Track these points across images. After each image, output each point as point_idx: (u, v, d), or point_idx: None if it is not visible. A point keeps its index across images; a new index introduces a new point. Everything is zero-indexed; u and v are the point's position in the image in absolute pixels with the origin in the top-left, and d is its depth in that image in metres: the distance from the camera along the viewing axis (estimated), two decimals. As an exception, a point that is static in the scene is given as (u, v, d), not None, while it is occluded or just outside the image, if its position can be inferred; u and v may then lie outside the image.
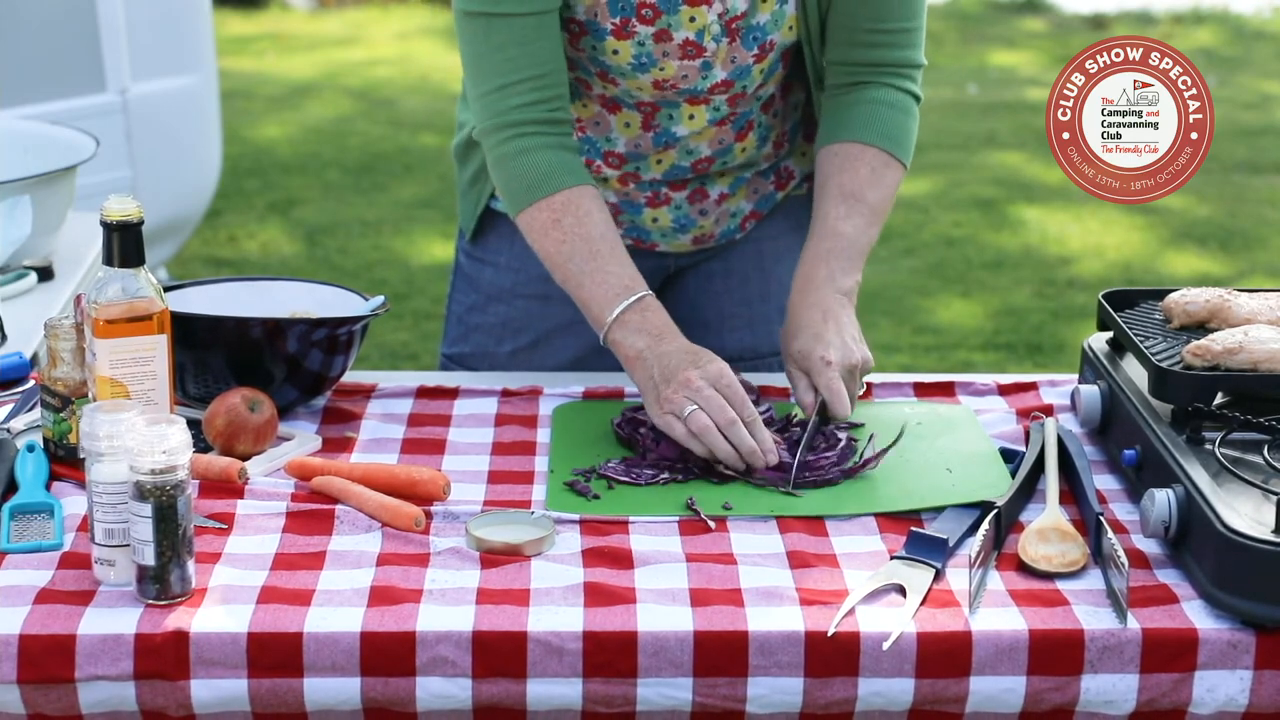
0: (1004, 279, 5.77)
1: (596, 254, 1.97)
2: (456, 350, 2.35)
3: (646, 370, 1.90)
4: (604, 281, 1.96)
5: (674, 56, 2.03)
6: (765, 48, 2.05)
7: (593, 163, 2.17)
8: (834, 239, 2.02)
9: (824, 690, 1.50)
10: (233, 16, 10.43)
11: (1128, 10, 10.84)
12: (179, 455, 1.53)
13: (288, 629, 1.50)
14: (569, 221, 1.99)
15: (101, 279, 1.74)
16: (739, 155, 2.18)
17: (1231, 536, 1.51)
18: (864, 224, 2.04)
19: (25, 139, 2.78)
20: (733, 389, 1.84)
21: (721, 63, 2.05)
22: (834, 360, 1.91)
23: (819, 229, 2.04)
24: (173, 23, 5.00)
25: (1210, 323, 1.90)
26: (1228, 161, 7.15)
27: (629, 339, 1.93)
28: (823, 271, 2.00)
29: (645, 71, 2.04)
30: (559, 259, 1.99)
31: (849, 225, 2.03)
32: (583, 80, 2.11)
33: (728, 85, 2.07)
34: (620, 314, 1.94)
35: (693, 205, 2.22)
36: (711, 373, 1.85)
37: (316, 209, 6.55)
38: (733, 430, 1.81)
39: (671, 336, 1.93)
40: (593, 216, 1.99)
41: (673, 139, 2.13)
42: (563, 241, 1.99)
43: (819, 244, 2.03)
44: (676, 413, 1.83)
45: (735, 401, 1.83)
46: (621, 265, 1.98)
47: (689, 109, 2.10)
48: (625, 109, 2.12)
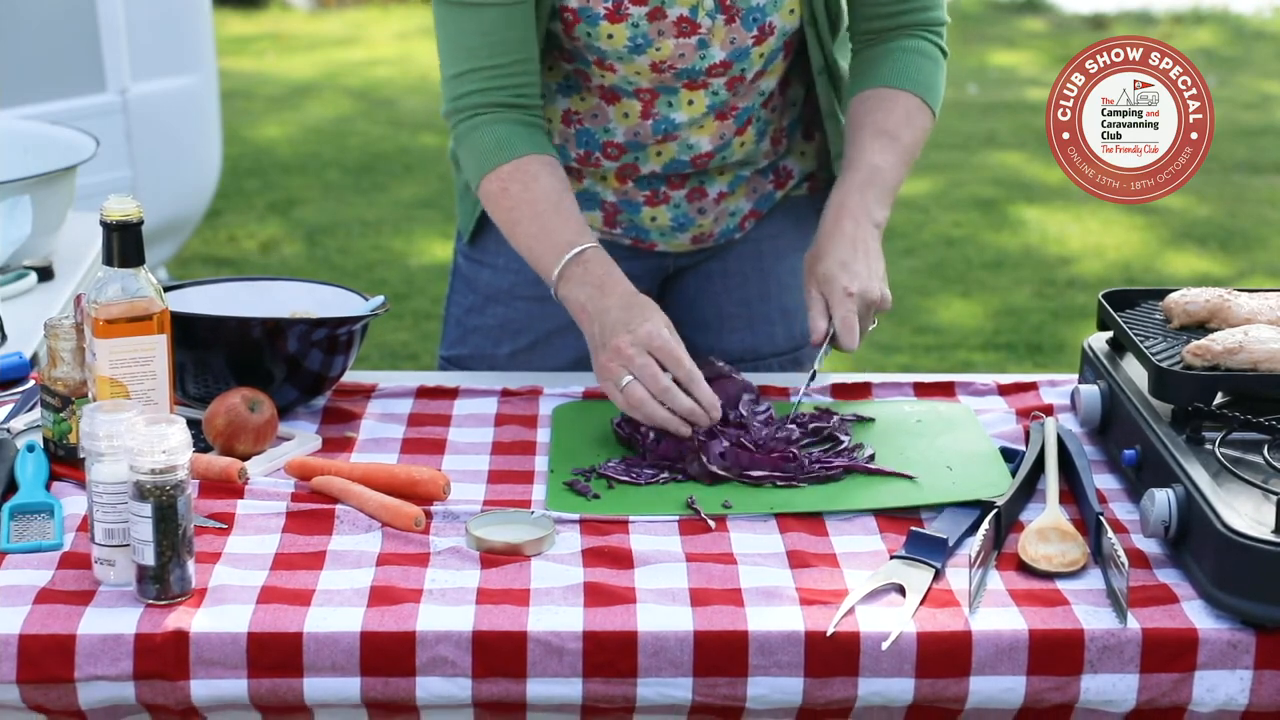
0: (1004, 279, 5.77)
1: (540, 214, 2.00)
2: (455, 352, 2.35)
3: (590, 328, 1.92)
4: (547, 240, 1.98)
5: (669, 35, 2.03)
6: (765, 29, 2.05)
7: (591, 154, 2.18)
8: (870, 171, 2.04)
9: (824, 690, 1.51)
10: (233, 16, 10.43)
11: (1128, 10, 10.84)
12: (179, 455, 1.53)
13: (288, 629, 1.50)
14: (515, 188, 2.02)
15: (101, 279, 1.74)
16: (738, 150, 2.19)
17: (1231, 536, 1.51)
18: (897, 161, 2.06)
19: (25, 139, 2.78)
20: (665, 349, 1.83)
21: (720, 42, 2.05)
22: (855, 291, 1.92)
23: (854, 162, 2.06)
24: (173, 23, 5.00)
25: (1210, 323, 1.90)
26: (1228, 161, 7.15)
27: (574, 293, 1.95)
28: (856, 200, 2.02)
29: (642, 53, 2.04)
30: (509, 225, 2.03)
31: (884, 160, 2.05)
32: (580, 71, 2.11)
33: (726, 66, 2.07)
34: (562, 269, 1.95)
35: (691, 204, 2.22)
36: (642, 335, 1.84)
37: (316, 209, 6.55)
38: (668, 397, 1.81)
39: (613, 285, 1.93)
40: (539, 180, 2.01)
41: (672, 127, 2.13)
42: (511, 209, 2.02)
43: (855, 174, 2.04)
44: (614, 383, 1.84)
45: (669, 362, 1.83)
46: (565, 222, 1.99)
47: (688, 94, 2.10)
48: (624, 98, 2.12)
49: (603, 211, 2.24)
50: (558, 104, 2.17)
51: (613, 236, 2.26)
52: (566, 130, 2.18)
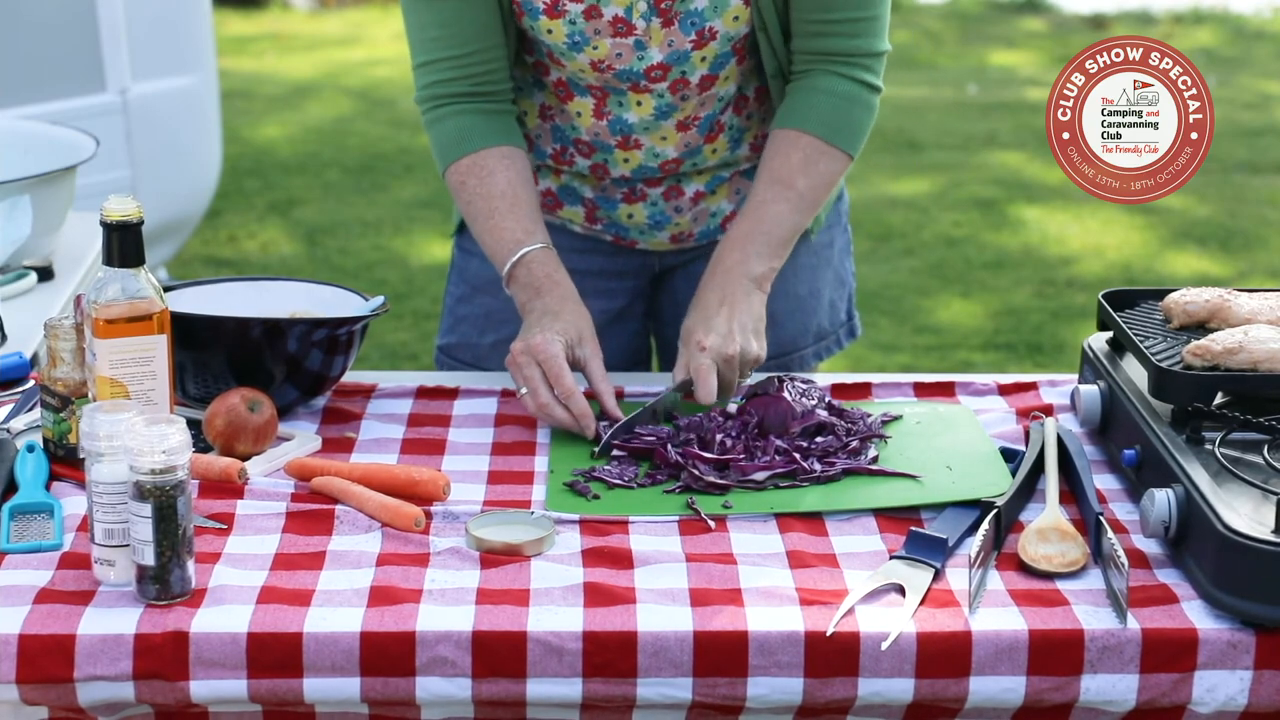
0: (1004, 279, 5.77)
1: (494, 211, 2.05)
2: (446, 341, 2.38)
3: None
4: (500, 239, 2.05)
5: (605, 34, 2.04)
6: (704, 34, 2.04)
7: (566, 150, 2.19)
8: (755, 223, 2.05)
9: (824, 690, 1.50)
10: (233, 16, 10.43)
11: (1128, 10, 10.85)
12: (179, 455, 1.53)
13: (288, 629, 1.50)
14: (473, 183, 2.07)
15: (101, 279, 1.74)
16: (710, 157, 2.19)
17: (1231, 536, 1.51)
18: (789, 210, 2.06)
19: (25, 139, 2.78)
20: (549, 362, 1.91)
21: (658, 45, 2.05)
22: (708, 346, 1.95)
23: (743, 212, 2.08)
24: (173, 23, 5.00)
25: (1210, 323, 1.90)
26: (1228, 161, 7.15)
27: (517, 294, 2.04)
28: (736, 255, 2.04)
29: (580, 50, 2.05)
30: (469, 220, 2.10)
31: (771, 210, 2.06)
32: (540, 64, 2.13)
33: (665, 70, 2.07)
34: (509, 270, 2.03)
35: (668, 202, 2.22)
36: (533, 344, 1.93)
37: (316, 209, 6.55)
38: (544, 411, 1.91)
39: (550, 288, 2.01)
40: (495, 175, 2.06)
41: (628, 129, 2.13)
42: (469, 203, 2.08)
43: (739, 225, 2.06)
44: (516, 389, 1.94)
45: (550, 375, 1.91)
46: (516, 220, 2.04)
47: (634, 96, 2.11)
48: (577, 95, 2.13)
49: (584, 207, 2.25)
50: (534, 98, 2.18)
51: (595, 233, 2.27)
52: (543, 125, 2.19)
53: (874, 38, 2.08)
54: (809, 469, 1.82)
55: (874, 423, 1.94)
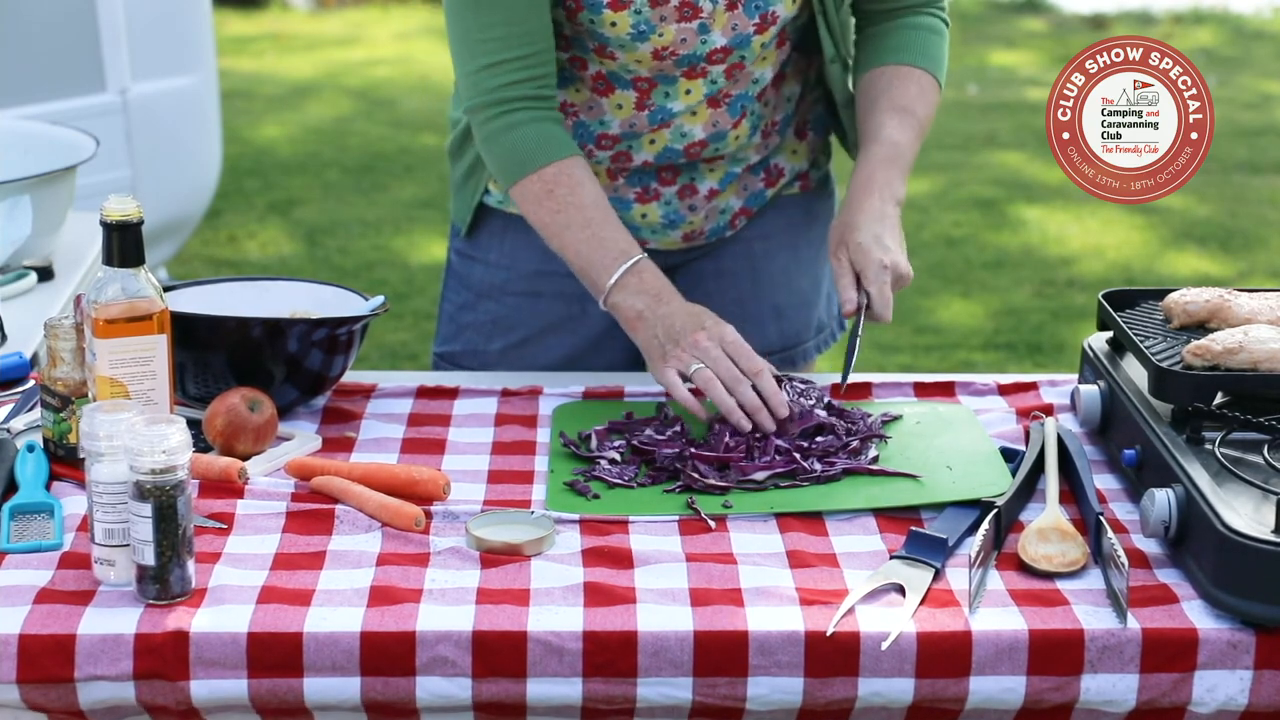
0: (1004, 279, 5.77)
1: (590, 221, 2.02)
2: (447, 349, 2.36)
3: (650, 330, 1.97)
4: (600, 247, 2.01)
5: (671, 20, 2.03)
6: (767, 18, 2.05)
7: (585, 147, 2.18)
8: (890, 146, 2.08)
9: (824, 690, 1.51)
10: (233, 16, 10.43)
11: (1128, 10, 10.84)
12: (179, 455, 1.53)
13: (288, 629, 1.50)
14: (562, 191, 2.03)
15: (101, 279, 1.74)
16: (731, 143, 2.19)
17: (1231, 536, 1.51)
18: (914, 136, 2.11)
19: (25, 139, 2.78)
20: (738, 347, 1.91)
21: (721, 28, 2.05)
22: (889, 264, 1.97)
23: (875, 137, 2.10)
24: (173, 23, 5.00)
25: (1210, 323, 1.90)
26: (1228, 161, 7.15)
27: (628, 301, 1.99)
28: (882, 175, 2.06)
29: (644, 40, 2.04)
30: (555, 228, 2.04)
31: (903, 136, 2.10)
32: (578, 59, 2.12)
33: (726, 53, 2.07)
34: (619, 278, 1.99)
35: (682, 201, 2.23)
36: (717, 333, 1.92)
37: (316, 209, 6.55)
38: (739, 389, 1.87)
39: (669, 296, 1.99)
40: (585, 186, 2.04)
41: (668, 115, 2.13)
42: (557, 211, 2.03)
43: (877, 149, 2.08)
44: (683, 370, 1.90)
45: (742, 357, 1.90)
46: (616, 231, 2.03)
47: (685, 83, 2.10)
48: (619, 89, 2.12)
49: None
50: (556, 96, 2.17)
51: None
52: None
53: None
54: (809, 469, 1.82)
55: (874, 423, 1.94)
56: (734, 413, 1.87)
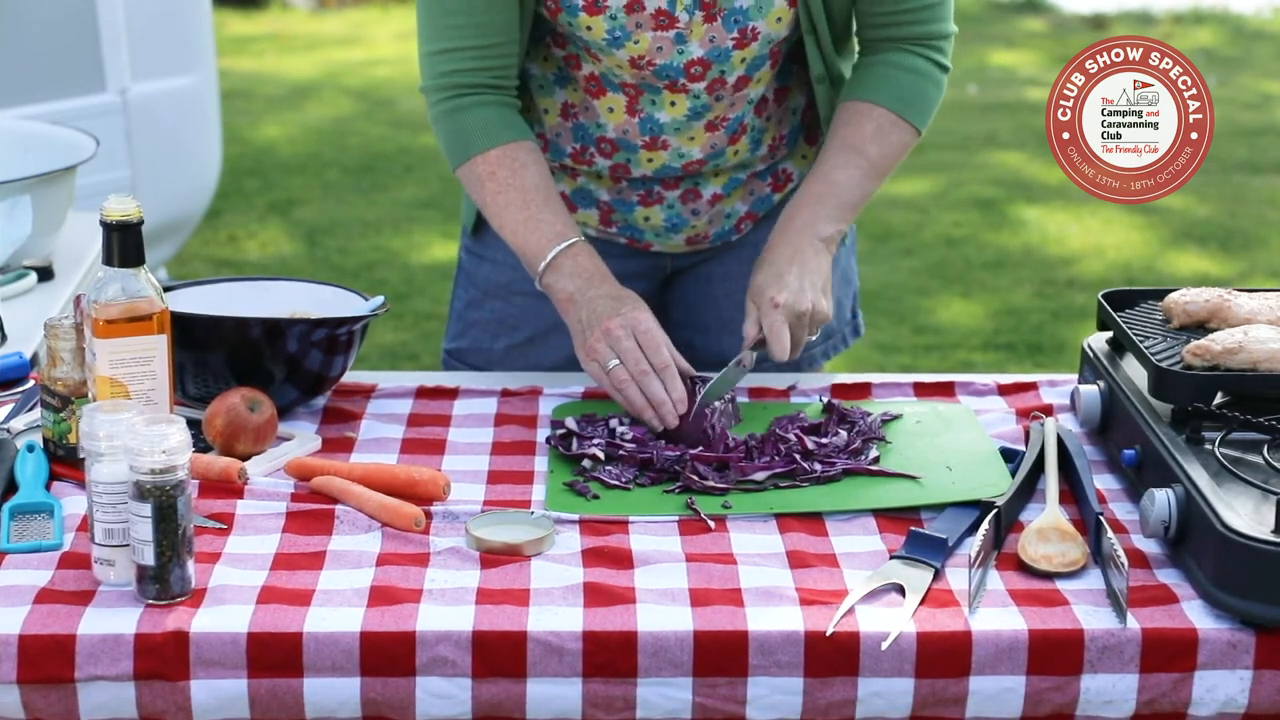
0: (1004, 279, 5.77)
1: (530, 203, 2.04)
2: (455, 345, 2.37)
3: (576, 314, 1.99)
4: (537, 229, 2.03)
5: (647, 28, 2.03)
6: (746, 33, 2.04)
7: (586, 149, 2.18)
8: (824, 185, 2.07)
9: (824, 690, 1.50)
10: (233, 16, 10.43)
11: (1128, 10, 10.84)
12: (179, 455, 1.53)
13: (288, 629, 1.50)
14: (504, 174, 2.05)
15: (101, 279, 1.74)
16: (732, 158, 2.19)
17: (1231, 536, 1.51)
18: (859, 176, 2.07)
19: (25, 139, 2.78)
20: (649, 335, 1.92)
21: (699, 40, 2.04)
22: (782, 303, 1.96)
23: (813, 175, 2.08)
24: (173, 23, 5.00)
25: (1210, 323, 1.90)
26: (1228, 161, 7.15)
27: (560, 283, 2.01)
28: (805, 214, 2.05)
29: (620, 46, 2.05)
30: (495, 209, 2.07)
31: (843, 175, 2.07)
32: (573, 57, 2.12)
33: (705, 66, 2.06)
34: (552, 259, 2.01)
35: (685, 205, 2.22)
36: (630, 320, 1.93)
37: (316, 209, 6.55)
38: (643, 381, 1.89)
39: (600, 279, 2.00)
40: (528, 169, 2.05)
41: (659, 129, 2.13)
42: (499, 193, 2.06)
43: (809, 188, 2.07)
44: (600, 363, 1.92)
45: (650, 348, 1.91)
46: (554, 214, 2.04)
47: (669, 95, 2.10)
48: (610, 91, 2.12)
49: (598, 210, 2.24)
50: (555, 95, 2.17)
51: (609, 235, 2.27)
52: (564, 123, 2.18)
53: (943, 22, 2.12)
54: (809, 469, 1.82)
55: (874, 423, 1.94)
56: (644, 412, 1.89)
